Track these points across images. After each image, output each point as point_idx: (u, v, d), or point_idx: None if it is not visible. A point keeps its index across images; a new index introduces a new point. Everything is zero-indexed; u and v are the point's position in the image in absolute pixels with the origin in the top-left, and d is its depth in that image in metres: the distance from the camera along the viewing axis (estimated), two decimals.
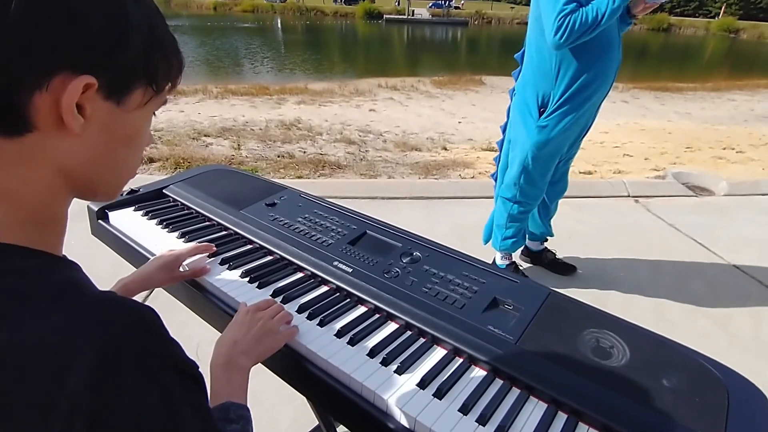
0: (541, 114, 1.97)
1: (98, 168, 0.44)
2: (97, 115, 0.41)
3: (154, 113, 0.48)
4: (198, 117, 6.05)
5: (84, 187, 0.45)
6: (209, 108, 6.82)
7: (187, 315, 0.99)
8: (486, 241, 2.44)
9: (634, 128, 6.86)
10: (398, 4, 54.41)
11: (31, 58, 0.35)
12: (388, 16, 45.70)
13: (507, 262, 2.36)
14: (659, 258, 2.70)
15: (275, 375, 0.81)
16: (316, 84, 10.98)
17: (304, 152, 4.62)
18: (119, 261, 1.12)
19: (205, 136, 5.05)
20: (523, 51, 2.05)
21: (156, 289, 1.00)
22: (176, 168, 3.70)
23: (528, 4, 2.02)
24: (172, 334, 0.43)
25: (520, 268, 2.48)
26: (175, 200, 1.24)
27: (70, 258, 0.45)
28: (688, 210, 3.35)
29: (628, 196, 3.49)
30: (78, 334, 0.35)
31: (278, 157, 4.34)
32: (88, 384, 0.34)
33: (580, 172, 4.13)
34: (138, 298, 0.67)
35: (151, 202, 1.23)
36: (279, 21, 43.27)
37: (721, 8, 50.57)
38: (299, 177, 3.73)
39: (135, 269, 1.05)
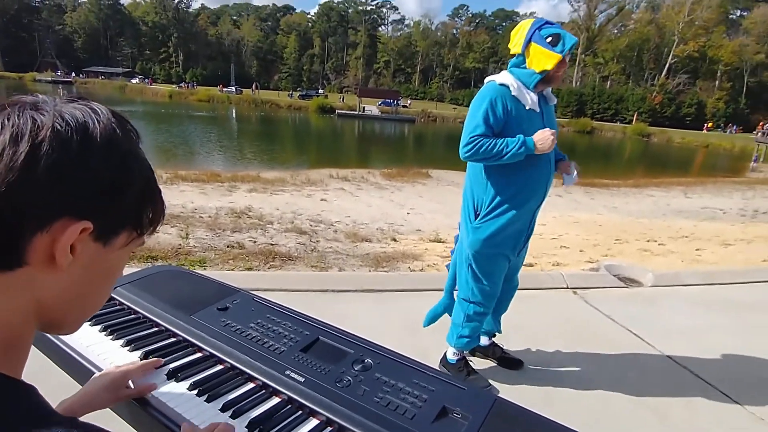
0: (476, 216, 2.14)
1: (72, 301, 0.47)
2: (84, 254, 0.44)
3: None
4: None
5: (53, 318, 0.47)
6: None
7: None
8: (426, 325, 2.52)
9: (568, 221, 7.41)
10: (342, 100, 58.15)
11: (45, 204, 0.40)
12: (340, 111, 48.49)
13: (458, 358, 2.39)
14: (600, 349, 2.82)
15: None
16: (268, 172, 11.20)
17: (255, 242, 4.60)
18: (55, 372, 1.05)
19: None
20: None
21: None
22: None
23: (468, 105, 2.27)
24: None
25: (470, 362, 2.50)
26: (121, 304, 1.21)
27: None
28: (621, 301, 3.57)
29: (567, 287, 3.70)
30: None
31: (228, 247, 4.29)
32: None
33: (523, 265, 4.35)
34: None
35: None
36: (234, 111, 44.69)
37: (634, 115, 57.91)
38: (249, 269, 3.68)
39: (73, 380, 1.00)
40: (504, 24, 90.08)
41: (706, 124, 55.88)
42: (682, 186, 14.10)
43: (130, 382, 0.89)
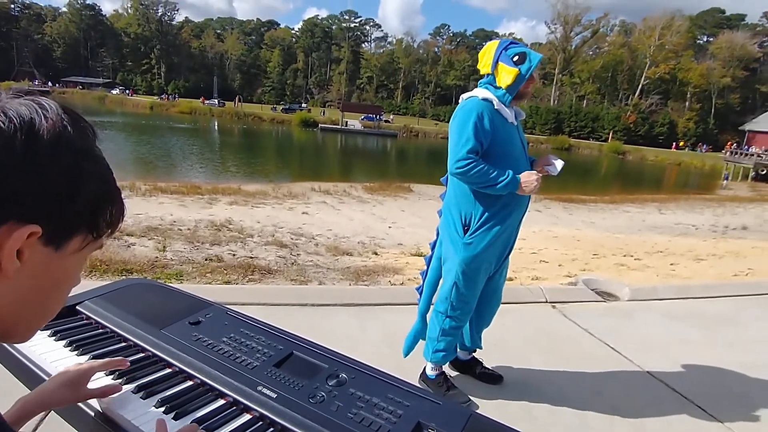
0: (466, 232, 2.14)
1: (21, 309, 0.44)
2: (33, 260, 0.42)
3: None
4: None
5: (1, 327, 0.44)
6: (135, 206, 6.60)
7: None
8: (406, 354, 2.45)
9: (547, 235, 7.52)
10: (323, 113, 58.41)
11: None
12: (323, 125, 48.61)
13: (437, 373, 2.37)
14: (578, 363, 2.83)
15: None
16: (249, 185, 11.11)
17: (234, 255, 4.53)
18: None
19: (127, 235, 4.83)
20: (447, 176, 2.26)
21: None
22: (92, 271, 3.45)
23: (449, 121, 2.29)
24: None
25: (450, 377, 2.48)
26: (88, 318, 1.17)
27: None
28: (599, 315, 3.62)
29: (546, 302, 3.73)
30: None
31: (206, 260, 4.21)
32: None
33: None
34: (33, 421, 0.61)
35: (61, 320, 1.15)
36: (216, 123, 44.39)
37: (609, 133, 59.55)
38: (227, 282, 3.61)
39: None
40: (484, 43, 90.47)
41: (676, 143, 57.65)
42: (656, 202, 14.49)
43: (93, 380, 0.86)
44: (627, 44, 71.17)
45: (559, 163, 2.22)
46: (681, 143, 59.33)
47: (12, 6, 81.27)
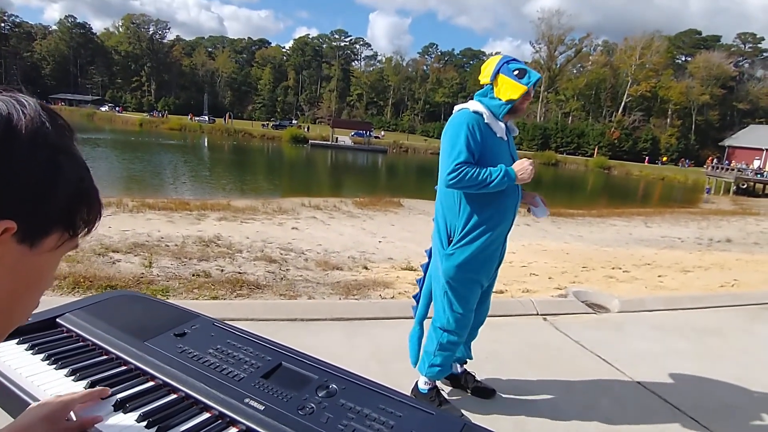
0: (449, 243, 2.14)
1: None
2: (7, 257, 0.40)
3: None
4: (107, 231, 5.72)
5: None
6: (122, 222, 6.51)
7: None
8: (415, 362, 2.42)
9: (537, 249, 7.55)
10: (308, 130, 58.65)
11: None
12: (313, 141, 48.79)
13: (429, 387, 2.34)
14: (570, 376, 2.82)
15: None
16: (239, 201, 11.04)
17: (222, 271, 4.47)
18: None
19: (113, 251, 4.74)
20: None
21: None
22: (74, 288, 3.37)
23: (439, 137, 2.33)
24: None
25: (442, 392, 2.45)
26: (69, 331, 1.13)
27: None
28: (589, 327, 3.61)
29: (537, 314, 3.72)
30: None
31: (193, 275, 4.14)
32: None
33: (493, 292, 4.38)
34: None
35: (40, 333, 1.11)
36: (206, 140, 44.31)
37: (594, 149, 60.57)
38: (214, 298, 3.55)
39: (8, 416, 0.91)
40: (472, 62, 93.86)
41: (648, 158, 58.54)
42: (642, 216, 14.67)
43: (72, 414, 0.81)
44: (609, 63, 72.99)
45: (547, 209, 2.36)
46: (664, 159, 60.49)
47: (2, 24, 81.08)
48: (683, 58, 78.42)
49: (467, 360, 2.56)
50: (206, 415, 0.88)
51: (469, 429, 0.87)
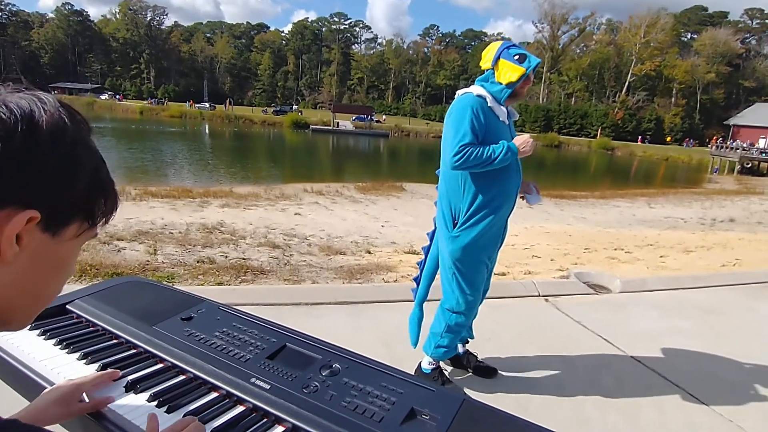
0: (454, 225, 2.16)
1: (20, 294, 0.45)
2: (31, 245, 0.43)
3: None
4: (112, 219, 5.75)
5: (1, 313, 0.45)
6: (125, 210, 6.54)
7: None
8: (415, 343, 2.46)
9: (539, 231, 7.56)
10: (301, 113, 57.98)
11: None
12: (314, 126, 48.49)
13: (433, 367, 2.38)
14: (571, 355, 2.86)
15: None
16: (241, 187, 11.06)
17: (226, 257, 4.51)
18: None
19: (117, 240, 4.78)
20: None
21: None
22: (81, 276, 3.42)
23: (441, 120, 2.35)
24: None
25: (445, 372, 2.49)
26: (79, 316, 1.16)
27: None
28: (591, 307, 3.65)
29: (539, 295, 3.75)
30: None
31: (197, 262, 4.19)
32: None
33: (495, 273, 4.41)
34: None
35: (51, 319, 1.14)
36: (207, 127, 44.13)
37: (598, 130, 60.02)
38: (219, 284, 3.60)
39: (22, 398, 0.95)
40: (473, 43, 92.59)
41: (642, 137, 57.91)
42: (645, 197, 14.63)
43: (84, 395, 0.85)
44: (613, 42, 71.85)
45: (540, 196, 2.43)
46: (668, 138, 59.93)
47: None
48: (689, 36, 77.16)
49: (468, 339, 2.60)
50: (214, 395, 0.92)
51: (468, 403, 0.90)
